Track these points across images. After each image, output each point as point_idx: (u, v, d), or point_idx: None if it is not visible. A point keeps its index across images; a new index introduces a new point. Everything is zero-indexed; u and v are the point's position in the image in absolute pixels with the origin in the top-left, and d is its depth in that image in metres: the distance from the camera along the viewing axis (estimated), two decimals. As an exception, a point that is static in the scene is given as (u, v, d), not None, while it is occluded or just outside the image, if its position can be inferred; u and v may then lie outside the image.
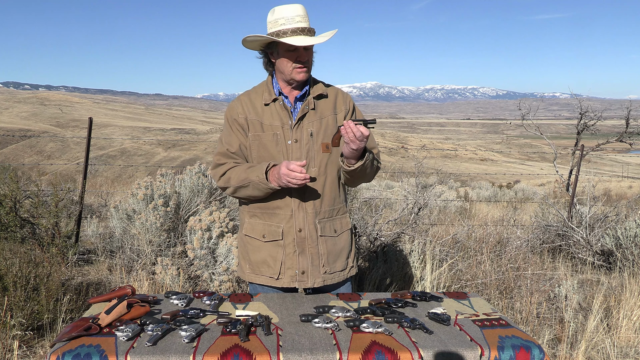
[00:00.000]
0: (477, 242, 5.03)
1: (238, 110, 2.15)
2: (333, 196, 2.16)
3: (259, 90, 2.18)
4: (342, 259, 2.21)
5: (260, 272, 2.15)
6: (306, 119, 2.11)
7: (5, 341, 2.92)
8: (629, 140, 8.16)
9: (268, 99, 2.12)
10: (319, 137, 2.11)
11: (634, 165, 60.28)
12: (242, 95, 2.21)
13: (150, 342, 1.55)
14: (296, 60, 2.05)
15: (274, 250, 2.11)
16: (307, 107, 2.12)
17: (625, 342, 3.45)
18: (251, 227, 2.17)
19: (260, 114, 2.12)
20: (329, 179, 2.14)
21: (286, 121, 2.11)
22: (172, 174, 5.07)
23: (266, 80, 2.19)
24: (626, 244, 5.29)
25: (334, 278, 2.18)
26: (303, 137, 2.10)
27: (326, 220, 2.14)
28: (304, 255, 2.11)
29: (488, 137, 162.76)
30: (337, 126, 2.15)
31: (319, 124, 2.13)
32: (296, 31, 2.01)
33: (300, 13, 2.04)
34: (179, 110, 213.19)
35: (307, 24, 2.05)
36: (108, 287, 4.19)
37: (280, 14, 2.03)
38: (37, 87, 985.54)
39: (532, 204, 11.66)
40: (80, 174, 7.81)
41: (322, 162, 2.12)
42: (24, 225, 4.69)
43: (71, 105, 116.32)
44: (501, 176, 34.34)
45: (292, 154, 2.09)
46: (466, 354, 1.59)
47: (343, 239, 2.21)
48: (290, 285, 2.12)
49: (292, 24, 2.01)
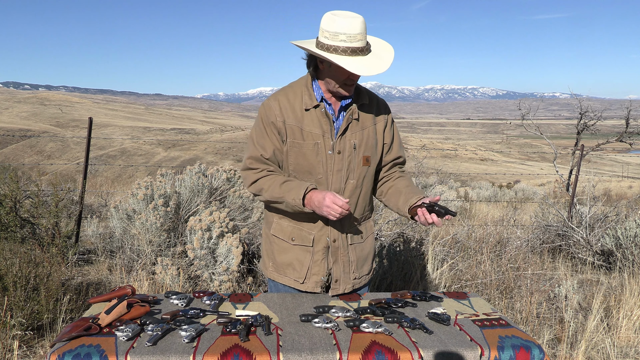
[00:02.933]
0: (477, 242, 5.03)
1: (276, 112, 2.00)
2: (364, 205, 2.15)
3: (298, 92, 2.03)
4: (368, 263, 2.21)
5: (285, 273, 2.13)
6: (349, 129, 2.02)
7: (5, 341, 2.92)
8: (629, 140, 8.17)
9: (309, 104, 1.99)
10: (361, 149, 2.04)
11: (634, 165, 60.27)
12: (279, 94, 2.05)
13: (150, 342, 1.55)
14: (348, 78, 1.93)
15: (302, 255, 2.09)
16: (351, 117, 2.02)
17: (625, 342, 3.45)
18: (280, 227, 2.12)
19: (300, 120, 1.99)
20: (363, 190, 2.11)
21: (327, 129, 1.99)
22: (172, 174, 5.06)
23: (305, 81, 2.04)
24: (626, 244, 5.29)
25: (360, 282, 2.18)
26: (346, 148, 2.01)
27: (354, 227, 2.14)
28: (337, 264, 2.10)
29: (488, 137, 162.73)
30: (375, 137, 2.09)
31: (361, 135, 2.05)
32: (356, 51, 1.87)
33: (362, 31, 1.87)
34: (179, 110, 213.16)
35: (365, 42, 1.91)
36: (108, 287, 4.19)
37: (341, 28, 1.85)
38: (37, 87, 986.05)
39: (532, 204, 11.66)
40: (80, 174, 7.81)
41: (361, 175, 2.07)
42: (24, 225, 4.69)
43: (71, 105, 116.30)
44: (501, 176, 34.33)
45: (333, 165, 2.01)
46: (466, 354, 1.59)
47: (369, 244, 2.21)
48: (313, 290, 2.11)
49: (352, 42, 1.86)
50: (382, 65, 1.90)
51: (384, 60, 1.93)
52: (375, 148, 2.10)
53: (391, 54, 1.97)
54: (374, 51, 1.95)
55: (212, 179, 5.21)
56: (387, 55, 1.96)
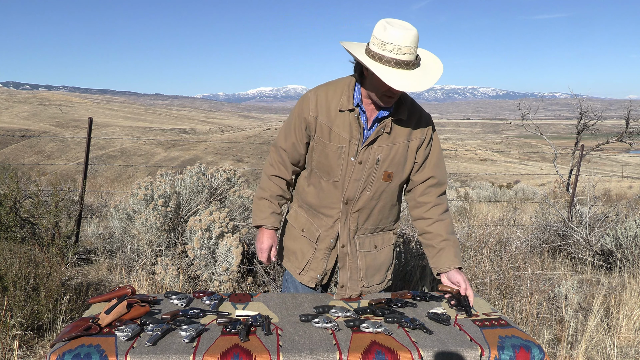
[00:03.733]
0: (477, 242, 5.02)
1: (311, 106, 1.99)
2: (380, 218, 2.11)
3: (339, 91, 1.98)
4: (381, 273, 2.18)
5: (289, 259, 2.21)
6: (377, 142, 1.96)
7: (5, 341, 2.92)
8: (629, 140, 8.17)
9: (345, 105, 1.95)
10: (385, 164, 1.98)
11: (634, 165, 60.29)
12: (320, 89, 2.02)
13: (150, 342, 1.55)
14: (387, 90, 1.84)
15: (306, 247, 2.14)
16: (382, 129, 1.95)
17: (625, 342, 3.45)
18: (295, 215, 2.20)
19: (332, 119, 1.97)
20: (380, 204, 2.06)
21: (355, 136, 1.95)
22: (172, 174, 5.06)
23: (349, 82, 1.99)
24: (626, 244, 5.29)
25: (370, 290, 2.17)
26: (369, 160, 1.97)
27: (365, 236, 2.11)
28: (344, 269, 2.10)
29: (488, 137, 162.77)
30: (406, 155, 2.00)
31: (389, 149, 1.97)
32: (400, 64, 1.77)
33: (411, 44, 1.78)
34: (179, 110, 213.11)
35: (414, 56, 1.81)
36: (108, 287, 4.18)
37: (390, 38, 1.77)
38: (37, 87, 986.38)
39: (532, 204, 11.66)
40: (80, 174, 7.81)
41: (379, 190, 2.03)
42: (24, 225, 4.69)
43: (71, 105, 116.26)
44: (501, 176, 34.34)
45: (353, 173, 1.98)
46: (466, 354, 1.59)
47: (384, 254, 2.17)
48: (308, 284, 2.15)
49: (398, 54, 1.77)
50: (422, 84, 1.78)
51: (427, 79, 1.81)
52: (402, 166, 2.02)
53: (438, 74, 1.86)
54: (422, 67, 1.85)
55: (212, 179, 5.21)
56: (433, 74, 1.85)
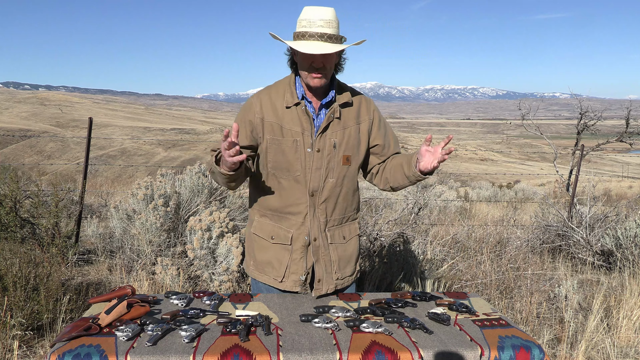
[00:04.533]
0: (477, 242, 5.03)
1: (255, 109, 2.03)
2: (345, 206, 2.14)
3: (281, 90, 2.05)
4: (351, 264, 2.20)
5: (264, 271, 2.14)
6: (330, 128, 2.03)
7: (5, 341, 2.92)
8: (629, 140, 8.17)
9: (290, 101, 2.01)
10: (342, 149, 2.05)
11: (634, 165, 60.28)
12: (262, 93, 2.09)
13: (150, 342, 1.55)
14: (310, 65, 1.93)
15: (281, 253, 2.10)
16: (332, 115, 2.03)
17: (625, 342, 3.45)
18: (260, 226, 2.14)
19: (280, 117, 2.01)
20: (344, 190, 2.10)
21: (307, 127, 2.01)
22: (172, 174, 5.07)
23: (289, 80, 2.07)
24: (626, 244, 5.29)
25: (344, 283, 2.18)
26: (326, 147, 2.02)
27: (335, 227, 2.13)
28: (318, 263, 2.10)
29: (488, 137, 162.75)
30: (358, 137, 2.09)
31: (342, 134, 2.05)
32: (314, 36, 1.88)
33: (325, 17, 1.90)
34: (179, 110, 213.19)
35: (332, 30, 1.91)
36: (108, 287, 4.18)
37: (304, 15, 1.93)
38: (37, 87, 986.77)
39: (532, 204, 11.66)
40: (80, 174, 7.81)
41: (341, 174, 2.07)
42: (24, 225, 4.69)
43: (71, 105, 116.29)
44: (501, 176, 34.34)
45: (313, 163, 2.02)
46: (466, 354, 1.59)
47: (352, 245, 2.20)
48: (292, 289, 2.11)
49: (312, 27, 1.89)
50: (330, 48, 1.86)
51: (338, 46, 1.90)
52: (357, 148, 2.10)
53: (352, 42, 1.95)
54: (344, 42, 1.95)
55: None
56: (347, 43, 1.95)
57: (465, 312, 1.91)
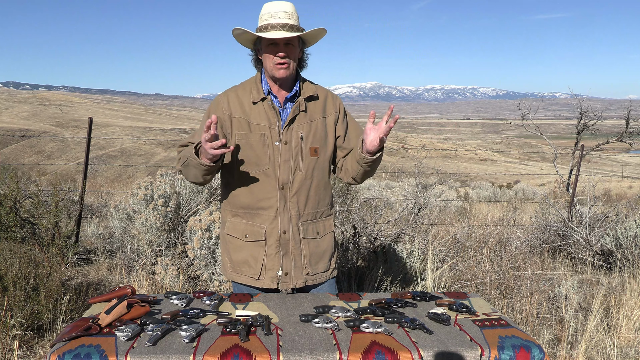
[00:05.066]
0: (477, 242, 5.03)
1: (223, 106, 2.10)
2: (317, 199, 2.15)
3: (247, 87, 2.13)
4: (324, 260, 2.20)
5: (242, 271, 2.15)
6: (296, 121, 2.08)
7: (5, 341, 2.92)
8: (629, 140, 8.17)
9: (256, 97, 2.08)
10: (309, 141, 2.09)
11: (634, 165, 60.28)
12: (229, 90, 2.16)
13: (150, 342, 1.55)
14: (276, 55, 2.01)
15: (256, 250, 2.11)
16: (297, 108, 2.08)
17: (625, 342, 3.45)
18: (233, 226, 2.16)
19: (247, 113, 2.08)
20: (314, 182, 2.13)
21: (274, 122, 2.07)
22: (172, 174, 5.06)
23: (255, 78, 2.15)
24: (626, 244, 5.29)
25: (315, 279, 2.18)
26: (293, 139, 2.07)
27: (309, 222, 2.14)
28: (287, 257, 2.11)
29: (488, 137, 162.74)
30: (325, 129, 2.14)
31: (309, 126, 2.10)
32: (276, 26, 1.98)
33: (285, 10, 2.01)
34: (179, 110, 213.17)
35: (292, 21, 2.01)
36: (108, 287, 4.19)
37: (265, 10, 2.03)
38: (37, 87, 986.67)
39: (532, 204, 11.66)
40: (80, 174, 7.81)
41: (310, 166, 2.10)
42: (24, 225, 4.69)
43: (71, 105, 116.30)
44: (501, 176, 34.34)
45: (280, 155, 2.06)
46: (466, 354, 1.59)
47: (326, 241, 2.20)
48: (270, 286, 2.12)
49: (274, 19, 1.99)
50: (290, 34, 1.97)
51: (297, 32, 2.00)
52: (324, 140, 2.14)
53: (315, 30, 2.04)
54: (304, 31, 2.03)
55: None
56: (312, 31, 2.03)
57: (465, 312, 1.92)
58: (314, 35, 2.10)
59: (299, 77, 2.16)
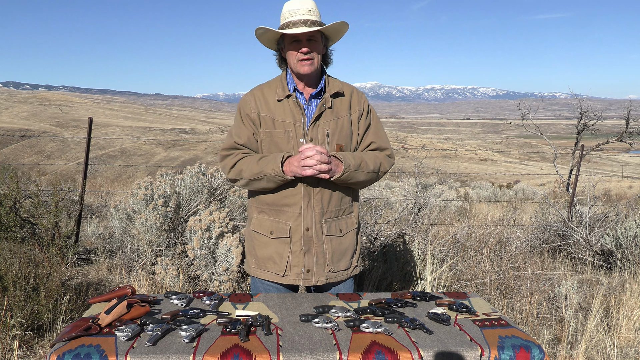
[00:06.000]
0: (477, 242, 5.03)
1: (250, 104, 2.12)
2: (340, 197, 2.15)
3: (273, 86, 2.14)
4: (346, 258, 2.20)
5: (266, 268, 2.16)
6: (323, 118, 2.08)
7: (5, 341, 2.92)
8: (629, 140, 8.17)
9: (281, 94, 2.09)
10: (335, 138, 2.09)
11: (634, 165, 60.28)
12: (255, 89, 2.18)
13: (150, 342, 1.55)
14: (299, 51, 2.02)
15: (281, 247, 2.12)
16: (324, 105, 2.09)
17: (625, 342, 3.45)
18: (259, 223, 2.17)
19: (272, 110, 2.09)
20: None
21: (299, 118, 2.08)
22: (172, 174, 5.06)
23: (280, 76, 2.17)
24: (626, 244, 5.29)
25: (337, 277, 2.18)
26: (319, 136, 2.07)
27: (332, 220, 2.14)
28: (309, 253, 2.11)
29: (488, 137, 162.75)
30: (350, 127, 2.13)
31: (335, 124, 2.10)
32: (298, 23, 1.99)
33: (306, 6, 2.03)
34: (179, 110, 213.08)
35: (314, 17, 2.02)
36: (108, 287, 4.18)
37: (286, 8, 2.05)
38: (37, 87, 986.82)
39: (532, 204, 11.66)
40: (80, 174, 7.81)
41: None
42: (24, 225, 4.69)
43: (71, 105, 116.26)
44: (501, 176, 34.34)
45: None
46: (466, 354, 1.59)
47: (348, 239, 2.20)
48: (295, 282, 2.13)
49: (295, 16, 2.01)
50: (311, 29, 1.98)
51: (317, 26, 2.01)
52: (349, 138, 2.14)
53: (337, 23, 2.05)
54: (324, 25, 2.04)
55: (212, 179, 5.21)
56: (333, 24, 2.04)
57: (465, 312, 1.92)
58: (337, 30, 2.10)
59: (324, 73, 2.16)
